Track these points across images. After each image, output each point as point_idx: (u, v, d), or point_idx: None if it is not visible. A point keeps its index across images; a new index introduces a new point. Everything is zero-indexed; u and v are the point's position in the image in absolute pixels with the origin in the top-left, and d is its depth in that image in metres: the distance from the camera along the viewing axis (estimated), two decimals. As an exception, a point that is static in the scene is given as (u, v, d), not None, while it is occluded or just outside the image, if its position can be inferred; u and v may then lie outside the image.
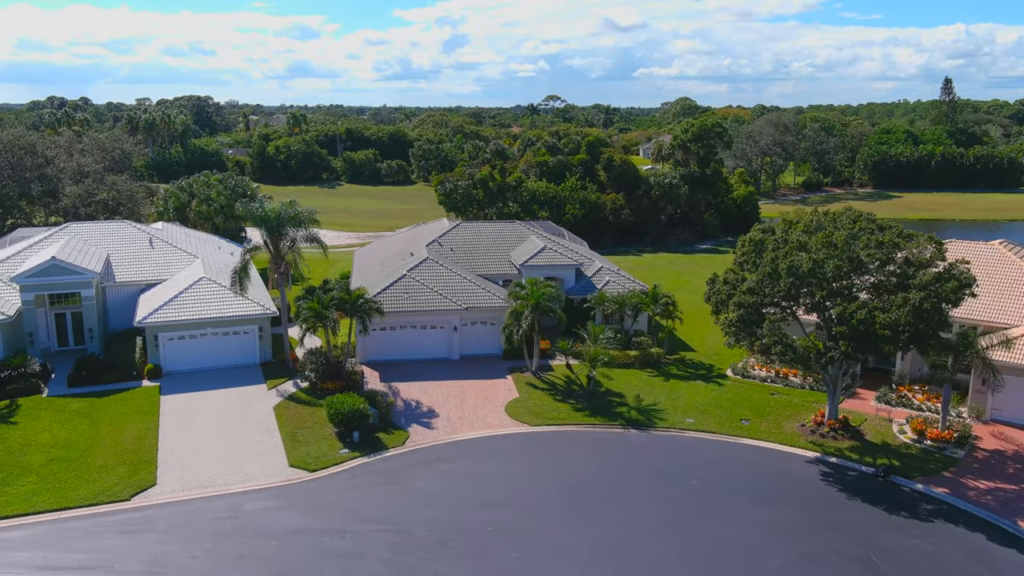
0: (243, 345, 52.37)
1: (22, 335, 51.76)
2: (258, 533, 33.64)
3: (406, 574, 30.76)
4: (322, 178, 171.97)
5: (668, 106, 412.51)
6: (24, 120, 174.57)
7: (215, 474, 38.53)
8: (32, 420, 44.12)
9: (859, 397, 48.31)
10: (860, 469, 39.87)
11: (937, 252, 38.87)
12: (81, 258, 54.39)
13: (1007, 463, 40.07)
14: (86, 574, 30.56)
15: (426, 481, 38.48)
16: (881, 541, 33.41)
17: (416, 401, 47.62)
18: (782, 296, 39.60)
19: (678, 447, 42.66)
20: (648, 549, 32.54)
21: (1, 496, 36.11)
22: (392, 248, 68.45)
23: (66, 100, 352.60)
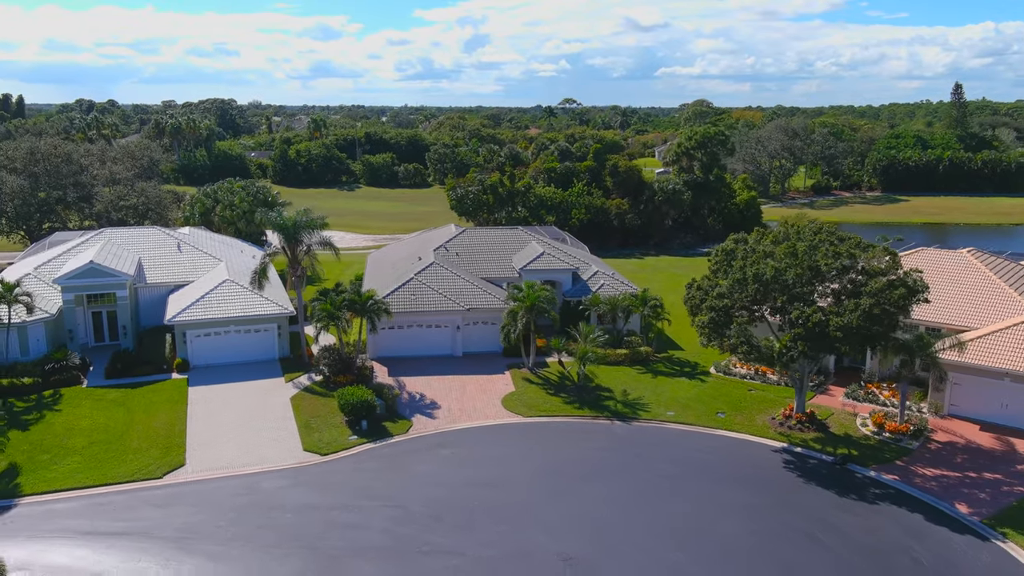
0: (263, 342, 57.00)
1: (63, 332, 56.76)
2: (274, 507, 38.11)
3: (403, 542, 35.09)
4: (341, 181, 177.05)
5: (698, 104, 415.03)
6: (55, 125, 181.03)
7: (237, 456, 43.09)
8: (74, 408, 48.94)
9: (830, 394, 52.14)
10: (820, 458, 43.76)
11: (891, 262, 42.65)
12: (116, 261, 59.30)
13: (955, 454, 43.79)
14: (127, 539, 35.15)
15: (425, 465, 42.82)
16: (829, 520, 37.33)
17: (420, 394, 51.99)
18: (749, 300, 43.55)
19: (657, 437, 46.70)
20: (617, 522, 36.68)
21: (50, 473, 40.89)
22: (403, 252, 72.90)
23: (94, 103, 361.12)
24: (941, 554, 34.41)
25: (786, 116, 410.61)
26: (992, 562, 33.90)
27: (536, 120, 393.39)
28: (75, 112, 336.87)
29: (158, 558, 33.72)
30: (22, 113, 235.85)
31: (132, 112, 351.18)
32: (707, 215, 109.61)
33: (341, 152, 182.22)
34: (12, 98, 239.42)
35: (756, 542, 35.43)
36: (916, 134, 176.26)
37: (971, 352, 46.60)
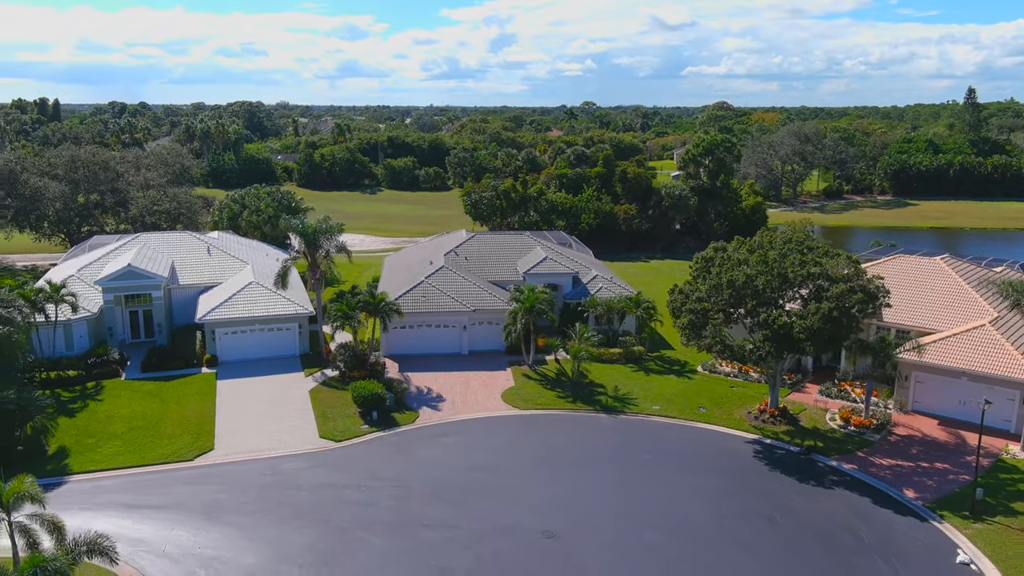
0: (285, 339, 62.01)
1: (104, 329, 62.16)
2: (293, 486, 42.97)
3: (405, 517, 39.78)
4: (364, 184, 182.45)
5: (718, 107, 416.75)
6: (90, 128, 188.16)
7: (260, 442, 48.03)
8: (114, 398, 54.18)
9: (806, 391, 56.18)
10: (788, 449, 47.89)
11: (853, 270, 46.68)
12: (151, 265, 64.63)
13: (912, 446, 47.74)
14: (163, 511, 40.16)
15: (428, 451, 47.50)
16: (787, 504, 41.51)
17: (427, 388, 56.69)
18: (725, 304, 47.77)
19: (642, 429, 51.02)
20: (597, 504, 41.12)
21: (95, 455, 46.07)
22: (417, 255, 77.69)
23: (126, 105, 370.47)
24: (882, 533, 38.51)
25: (809, 117, 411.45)
26: (926, 539, 37.96)
27: (558, 122, 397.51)
28: (108, 114, 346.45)
29: (189, 527, 38.68)
30: (58, 116, 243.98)
31: (163, 114, 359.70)
32: (714, 220, 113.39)
33: (364, 156, 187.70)
34: (48, 102, 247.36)
35: (720, 523, 39.70)
36: (928, 139, 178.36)
37: (932, 353, 50.48)
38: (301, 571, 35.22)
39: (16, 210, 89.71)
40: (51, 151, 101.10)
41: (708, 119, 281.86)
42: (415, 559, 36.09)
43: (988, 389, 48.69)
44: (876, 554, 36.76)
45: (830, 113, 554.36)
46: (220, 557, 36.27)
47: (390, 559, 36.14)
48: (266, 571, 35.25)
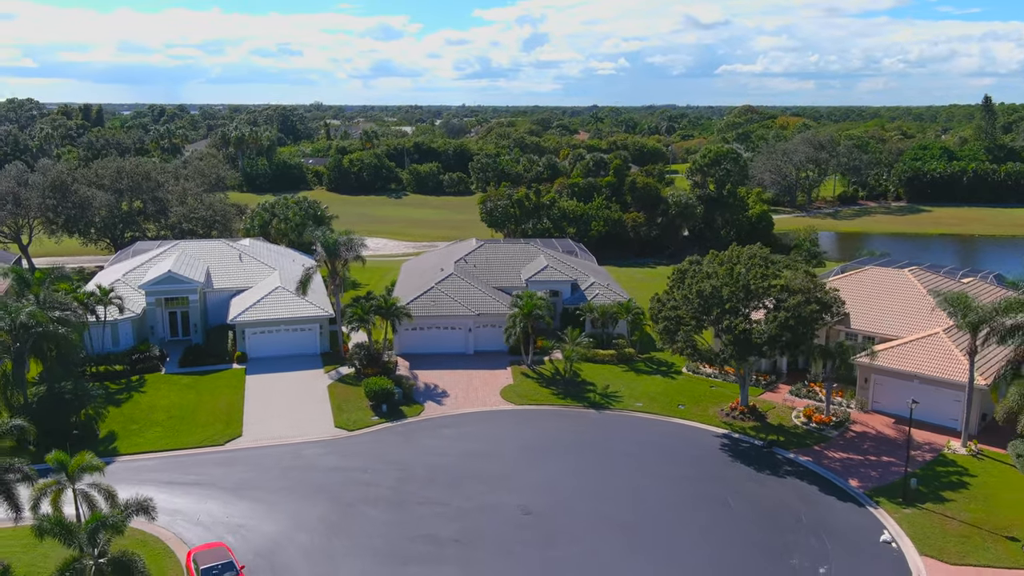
0: (307, 339, 68.46)
1: (146, 328, 69.11)
2: (310, 468, 49.22)
3: (404, 496, 45.84)
4: (390, 188, 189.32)
5: (743, 111, 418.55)
6: (131, 136, 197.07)
7: (283, 430, 54.40)
8: (155, 390, 60.95)
9: (778, 391, 61.36)
10: (752, 442, 53.21)
11: (808, 282, 51.88)
12: (189, 270, 71.48)
13: (865, 441, 52.83)
14: (197, 488, 46.62)
15: (430, 440, 53.54)
16: (742, 489, 46.91)
17: (434, 384, 62.76)
18: (695, 312, 53.22)
19: (623, 423, 56.59)
20: (574, 487, 46.83)
21: (140, 439, 52.75)
22: (431, 262, 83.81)
23: (165, 109, 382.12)
24: (821, 515, 43.82)
25: (841, 119, 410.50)
26: (858, 522, 43.20)
27: (586, 124, 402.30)
28: (147, 118, 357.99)
29: (220, 501, 45.09)
30: (101, 121, 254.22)
31: (200, 118, 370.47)
32: (720, 227, 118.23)
33: (391, 161, 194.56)
34: (92, 108, 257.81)
35: (681, 505, 45.26)
36: (942, 146, 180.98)
37: (889, 358, 55.53)
38: (312, 537, 41.45)
39: (66, 217, 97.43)
40: (98, 162, 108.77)
41: (727, 125, 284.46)
42: (408, 529, 42.17)
43: (937, 391, 53.75)
44: (811, 532, 42.12)
45: (861, 114, 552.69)
46: (245, 525, 42.61)
47: (387, 529, 42.25)
48: (284, 537, 41.51)
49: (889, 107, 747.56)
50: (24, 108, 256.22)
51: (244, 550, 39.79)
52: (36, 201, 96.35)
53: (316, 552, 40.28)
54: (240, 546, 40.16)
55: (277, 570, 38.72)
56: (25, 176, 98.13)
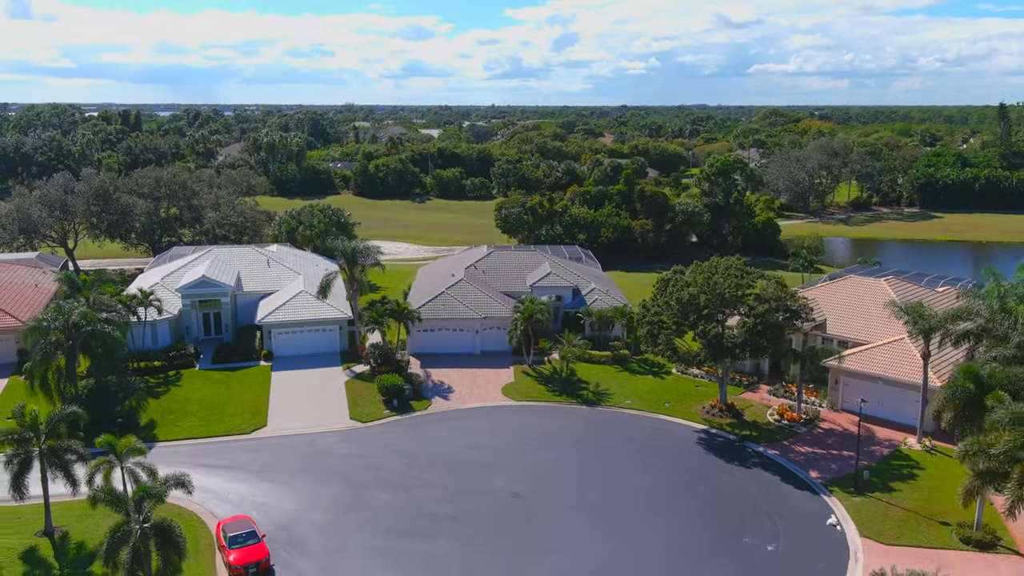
0: (328, 339, 74.55)
1: (182, 327, 75.69)
2: (326, 455, 55.20)
3: (407, 479, 51.64)
4: (415, 193, 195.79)
5: (768, 113, 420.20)
6: (168, 141, 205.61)
7: (303, 421, 60.47)
8: (190, 384, 67.38)
9: (758, 391, 66.35)
10: (727, 437, 58.32)
11: (777, 291, 56.87)
12: (221, 275, 77.97)
13: (831, 437, 57.73)
14: (226, 471, 52.77)
15: (435, 432, 59.32)
16: (711, 478, 52.10)
17: (441, 381, 68.55)
18: (675, 317, 58.46)
19: (612, 418, 61.94)
20: (560, 475, 52.31)
21: (176, 427, 59.11)
22: (445, 267, 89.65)
23: (200, 112, 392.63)
24: (778, 501, 48.94)
25: (869, 121, 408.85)
26: (810, 507, 48.26)
27: (612, 127, 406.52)
28: (183, 121, 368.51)
29: (246, 482, 51.23)
30: (138, 126, 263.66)
31: (234, 121, 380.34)
32: (727, 234, 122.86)
33: (415, 167, 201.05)
34: (130, 114, 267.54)
35: (652, 492, 50.58)
36: (956, 152, 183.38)
37: (856, 361, 60.37)
38: (325, 514, 47.42)
39: (109, 223, 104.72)
40: (138, 172, 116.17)
41: (743, 131, 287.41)
42: (409, 508, 48.00)
43: (900, 392, 58.49)
44: (766, 516, 47.28)
45: (891, 116, 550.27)
46: (268, 503, 48.68)
47: (391, 508, 48.11)
48: (301, 514, 47.52)
49: (923, 107, 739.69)
50: (67, 114, 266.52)
51: (266, 523, 45.78)
52: (81, 208, 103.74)
53: (328, 527, 46.24)
54: (262, 520, 46.16)
55: (294, 541, 44.71)
56: (71, 185, 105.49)
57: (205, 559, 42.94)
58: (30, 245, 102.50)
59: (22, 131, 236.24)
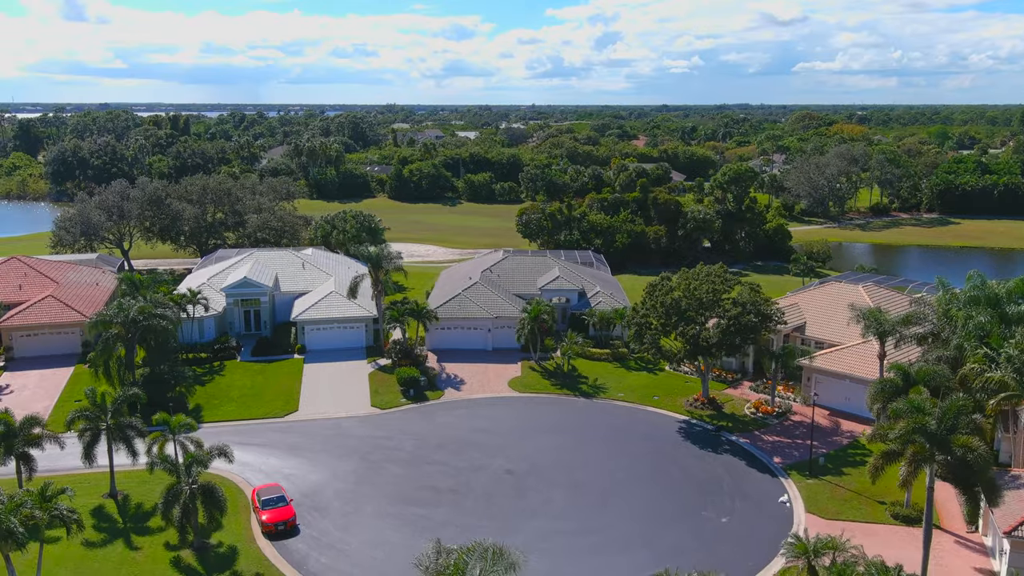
0: (355, 335, 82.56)
1: (225, 323, 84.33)
2: (348, 436, 63.07)
3: (417, 457, 59.25)
4: (447, 196, 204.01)
5: (801, 116, 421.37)
6: (215, 146, 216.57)
7: (329, 408, 68.45)
8: (232, 374, 75.81)
9: (741, 386, 72.80)
10: (705, 427, 64.99)
11: (750, 296, 63.37)
12: (261, 276, 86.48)
13: (798, 428, 64.08)
14: (261, 448, 60.90)
15: (445, 418, 66.88)
16: (684, 461, 58.87)
17: (455, 374, 76.10)
18: (660, 319, 65.28)
19: (604, 409, 68.90)
20: (551, 457, 59.49)
21: (219, 411, 67.48)
22: (464, 270, 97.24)
23: (245, 115, 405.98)
24: (740, 482, 55.59)
25: (909, 123, 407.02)
26: (767, 488, 54.81)
27: (647, 129, 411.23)
28: (229, 124, 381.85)
29: (278, 457, 59.27)
30: (187, 130, 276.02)
31: (277, 124, 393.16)
32: (739, 240, 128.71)
33: (447, 171, 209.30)
34: (180, 119, 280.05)
35: (631, 472, 57.51)
36: (977, 159, 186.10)
37: (827, 360, 66.61)
38: (344, 484, 55.25)
39: (160, 226, 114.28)
40: (187, 179, 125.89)
41: (766, 137, 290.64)
42: (417, 481, 55.63)
43: (864, 389, 64.29)
44: (726, 494, 54.01)
45: (931, 118, 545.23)
46: (295, 475, 56.66)
47: (400, 480, 55.80)
48: (323, 483, 55.39)
49: (970, 106, 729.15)
50: (120, 119, 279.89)
51: (293, 490, 53.71)
52: (136, 212, 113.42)
53: (346, 494, 54.06)
54: (291, 488, 54.09)
55: (317, 505, 52.59)
56: (127, 191, 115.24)
57: (242, 518, 51.01)
58: (90, 247, 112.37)
59: (79, 136, 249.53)
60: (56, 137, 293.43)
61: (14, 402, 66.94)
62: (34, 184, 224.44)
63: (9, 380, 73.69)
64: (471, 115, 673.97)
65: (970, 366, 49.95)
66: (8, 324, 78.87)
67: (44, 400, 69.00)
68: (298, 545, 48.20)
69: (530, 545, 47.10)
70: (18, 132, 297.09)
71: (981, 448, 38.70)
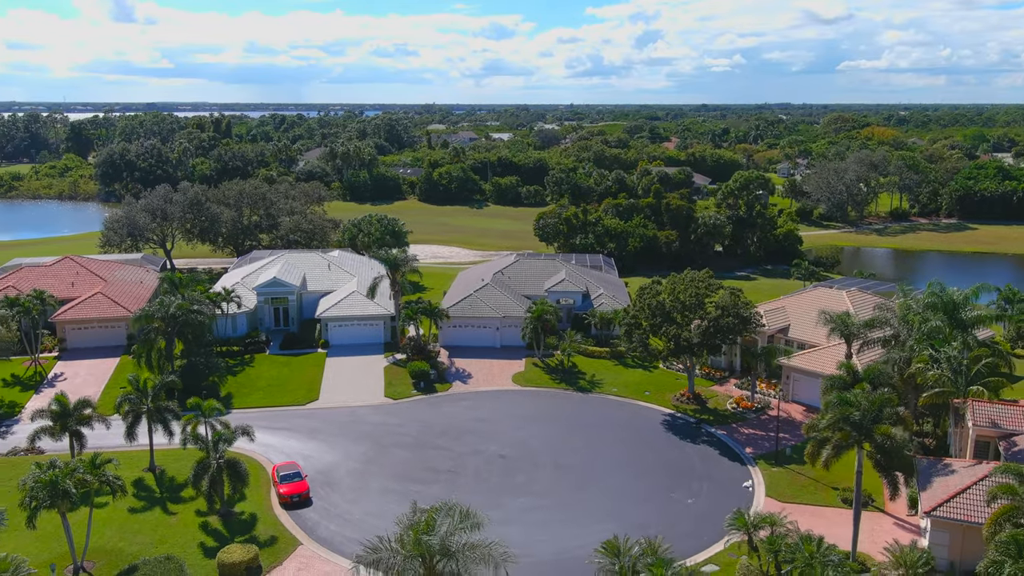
0: (374, 331, 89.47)
1: (256, 319, 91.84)
2: (362, 423, 69.88)
3: (422, 441, 65.83)
4: (474, 199, 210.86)
5: (833, 119, 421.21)
6: (254, 149, 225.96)
7: (347, 397, 75.37)
8: (260, 366, 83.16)
9: (727, 384, 78.23)
10: (687, 420, 70.63)
11: (732, 299, 68.84)
12: (289, 277, 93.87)
13: (773, 423, 69.39)
14: (283, 431, 67.97)
15: (451, 408, 73.39)
16: (663, 450, 64.65)
17: (463, 369, 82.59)
18: (648, 320, 71.08)
19: (598, 403, 74.86)
20: (543, 443, 65.66)
21: (247, 398, 74.76)
22: (478, 272, 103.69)
23: (285, 117, 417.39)
24: (711, 468, 61.25)
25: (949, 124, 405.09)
26: (735, 474, 60.41)
27: (679, 131, 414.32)
28: (269, 126, 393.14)
29: (298, 440, 66.28)
30: (229, 133, 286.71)
31: (316, 125, 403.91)
32: (750, 244, 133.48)
33: (475, 174, 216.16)
34: (222, 122, 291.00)
35: (613, 458, 63.45)
36: (998, 165, 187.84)
37: (803, 360, 71.84)
38: (355, 464, 62.03)
39: (200, 228, 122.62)
40: (224, 184, 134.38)
41: (788, 142, 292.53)
42: (419, 462, 62.24)
43: (832, 386, 69.51)
44: (696, 478, 59.74)
45: (974, 119, 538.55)
46: (313, 455, 63.57)
47: (405, 462, 62.45)
48: (336, 463, 62.23)
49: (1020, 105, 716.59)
50: (165, 122, 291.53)
51: (310, 469, 60.61)
52: (177, 215, 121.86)
53: (356, 473, 60.86)
54: (307, 466, 60.99)
55: (330, 481, 59.44)
56: (170, 195, 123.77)
57: (263, 491, 58.01)
58: (135, 247, 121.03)
59: (127, 139, 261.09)
60: (105, 138, 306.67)
61: (67, 387, 74.90)
62: (84, 185, 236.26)
63: (63, 368, 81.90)
64: (508, 115, 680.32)
65: (916, 365, 55.05)
66: (62, 318, 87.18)
67: (93, 386, 76.90)
68: (310, 514, 55.04)
69: (512, 518, 53.81)
70: (70, 134, 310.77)
71: (899, 436, 44.09)
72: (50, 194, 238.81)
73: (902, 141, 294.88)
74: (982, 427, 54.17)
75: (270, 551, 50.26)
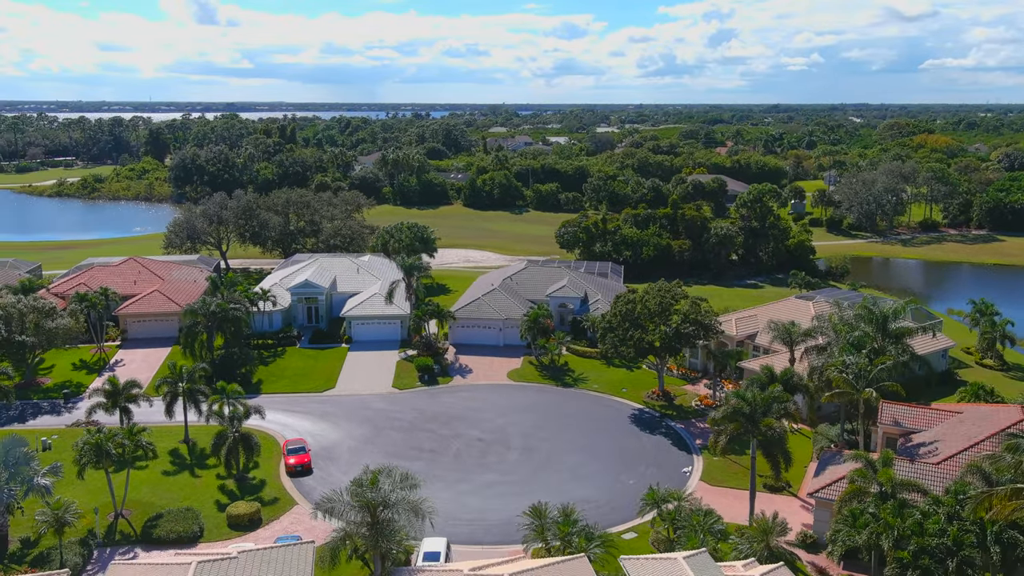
0: (392, 329, 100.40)
1: (290, 316, 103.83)
2: (368, 409, 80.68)
3: (416, 426, 76.26)
4: (516, 205, 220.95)
5: (889, 126, 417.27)
6: (314, 155, 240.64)
7: (359, 387, 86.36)
8: (291, 357, 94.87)
9: (698, 383, 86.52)
10: (653, 414, 79.38)
11: (692, 308, 77.33)
12: (320, 279, 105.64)
13: (728, 418, 77.51)
14: (301, 414, 79.22)
15: (449, 398, 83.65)
16: (623, 439, 73.64)
17: (466, 364, 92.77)
18: (620, 324, 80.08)
19: (578, 397, 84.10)
20: (520, 429, 75.37)
21: (275, 385, 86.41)
22: (491, 278, 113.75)
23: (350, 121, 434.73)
24: (661, 456, 70.05)
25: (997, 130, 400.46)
26: (679, 461, 69.11)
27: (734, 135, 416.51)
28: (335, 130, 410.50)
29: (310, 422, 77.45)
30: (294, 138, 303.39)
31: (379, 129, 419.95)
32: (762, 253, 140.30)
33: (518, 181, 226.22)
34: (287, 128, 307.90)
35: (577, 444, 72.72)
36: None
37: (758, 363, 79.72)
38: (355, 443, 72.87)
39: (251, 233, 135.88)
40: (274, 193, 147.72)
41: (823, 153, 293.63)
42: (409, 443, 72.74)
43: (787, 388, 77.36)
44: (644, 463, 68.66)
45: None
46: (320, 434, 74.65)
47: (397, 442, 73.03)
48: (339, 441, 73.17)
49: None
50: (235, 127, 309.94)
51: (316, 445, 71.69)
52: (232, 220, 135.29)
53: (354, 450, 71.69)
54: (314, 443, 72.07)
55: (330, 456, 70.39)
56: (226, 202, 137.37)
57: (275, 462, 69.28)
58: (193, 249, 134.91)
59: (199, 144, 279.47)
60: (181, 141, 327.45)
61: (126, 372, 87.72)
62: (159, 187, 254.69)
63: (123, 356, 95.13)
64: (571, 117, 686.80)
65: (829, 369, 63.03)
66: (125, 312, 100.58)
67: (147, 372, 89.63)
68: (309, 482, 66.05)
69: (475, 490, 63.88)
70: (148, 138, 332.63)
71: (779, 428, 52.53)
72: (128, 196, 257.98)
73: (960, 148, 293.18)
74: (887, 425, 61.96)
75: (271, 508, 61.42)
